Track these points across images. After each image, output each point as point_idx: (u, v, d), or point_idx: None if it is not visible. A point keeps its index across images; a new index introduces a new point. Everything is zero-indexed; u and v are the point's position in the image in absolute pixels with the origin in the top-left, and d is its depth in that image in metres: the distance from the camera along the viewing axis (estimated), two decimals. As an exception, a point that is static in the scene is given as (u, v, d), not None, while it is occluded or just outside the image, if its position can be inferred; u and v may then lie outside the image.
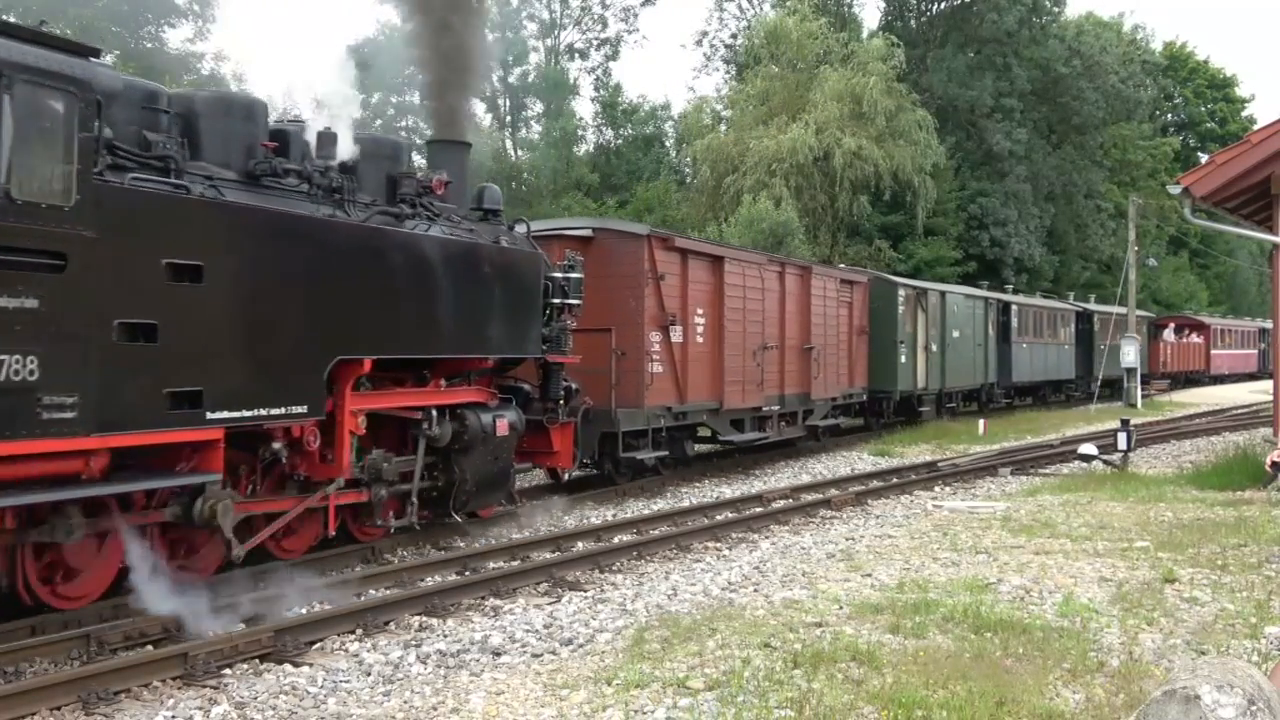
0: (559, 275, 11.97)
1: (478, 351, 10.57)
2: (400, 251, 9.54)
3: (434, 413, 10.09)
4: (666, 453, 14.84)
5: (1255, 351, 53.87)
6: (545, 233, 13.70)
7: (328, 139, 9.30)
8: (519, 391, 11.85)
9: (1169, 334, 44.13)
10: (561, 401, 12.10)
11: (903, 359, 22.64)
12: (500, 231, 11.36)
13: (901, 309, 22.70)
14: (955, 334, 25.53)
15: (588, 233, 14.31)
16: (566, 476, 13.48)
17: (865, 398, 21.92)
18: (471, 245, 10.56)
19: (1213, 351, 47.65)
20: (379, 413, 9.59)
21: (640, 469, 14.70)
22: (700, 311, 15.37)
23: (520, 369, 11.93)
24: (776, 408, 17.60)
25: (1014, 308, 29.94)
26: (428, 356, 10.02)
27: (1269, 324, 53.62)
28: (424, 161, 14.73)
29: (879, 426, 23.35)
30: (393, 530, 10.15)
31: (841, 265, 25.13)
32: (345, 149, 9.54)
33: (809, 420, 19.04)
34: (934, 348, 24.37)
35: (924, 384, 23.96)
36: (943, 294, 25.41)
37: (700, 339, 15.36)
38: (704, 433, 16.43)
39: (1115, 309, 38.18)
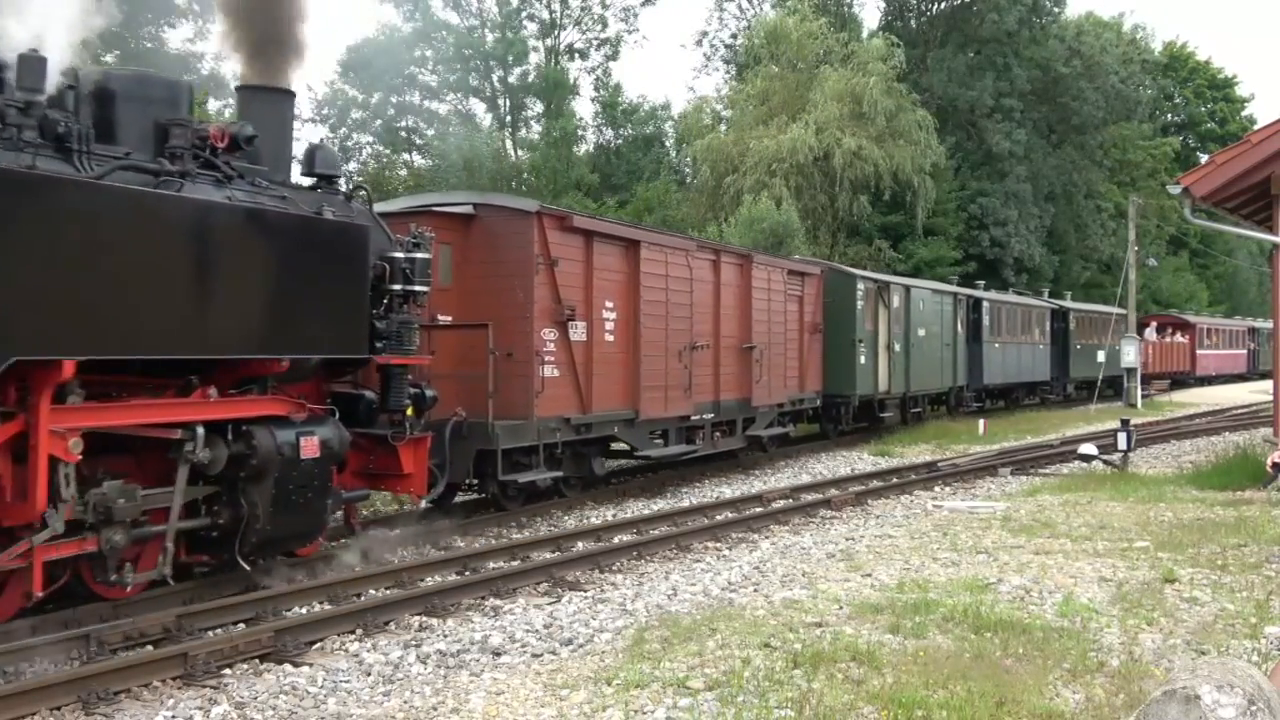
0: (400, 256, 9.82)
1: (265, 350, 8.29)
2: (133, 217, 7.34)
3: (199, 431, 7.81)
4: (561, 473, 12.70)
5: (1244, 352, 52.16)
6: (416, 209, 12.05)
7: (32, 67, 7.09)
8: (359, 401, 9.80)
9: (1150, 333, 41.56)
10: (410, 412, 9.99)
11: (862, 359, 20.52)
12: (331, 201, 9.33)
13: (860, 304, 20.67)
14: (921, 332, 23.62)
15: (468, 209, 12.24)
16: (424, 504, 10.90)
17: (819, 403, 19.88)
18: (254, 213, 8.29)
19: (1198, 352, 45.39)
20: (117, 432, 7.52)
21: (535, 492, 12.70)
22: (610, 305, 13.26)
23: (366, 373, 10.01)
24: (709, 416, 15.54)
25: (985, 305, 28.13)
26: (184, 357, 7.80)
27: (1259, 323, 53.40)
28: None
29: (835, 435, 21.33)
30: (138, 585, 7.72)
31: (795, 256, 23.10)
32: (86, 86, 7.80)
33: (750, 429, 16.93)
34: (897, 347, 22.32)
35: (886, 387, 21.89)
36: (907, 288, 23.50)
37: (610, 337, 13.27)
38: (621, 446, 14.44)
39: (1092, 306, 37.25)
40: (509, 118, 44.30)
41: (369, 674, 6.56)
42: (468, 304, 11.74)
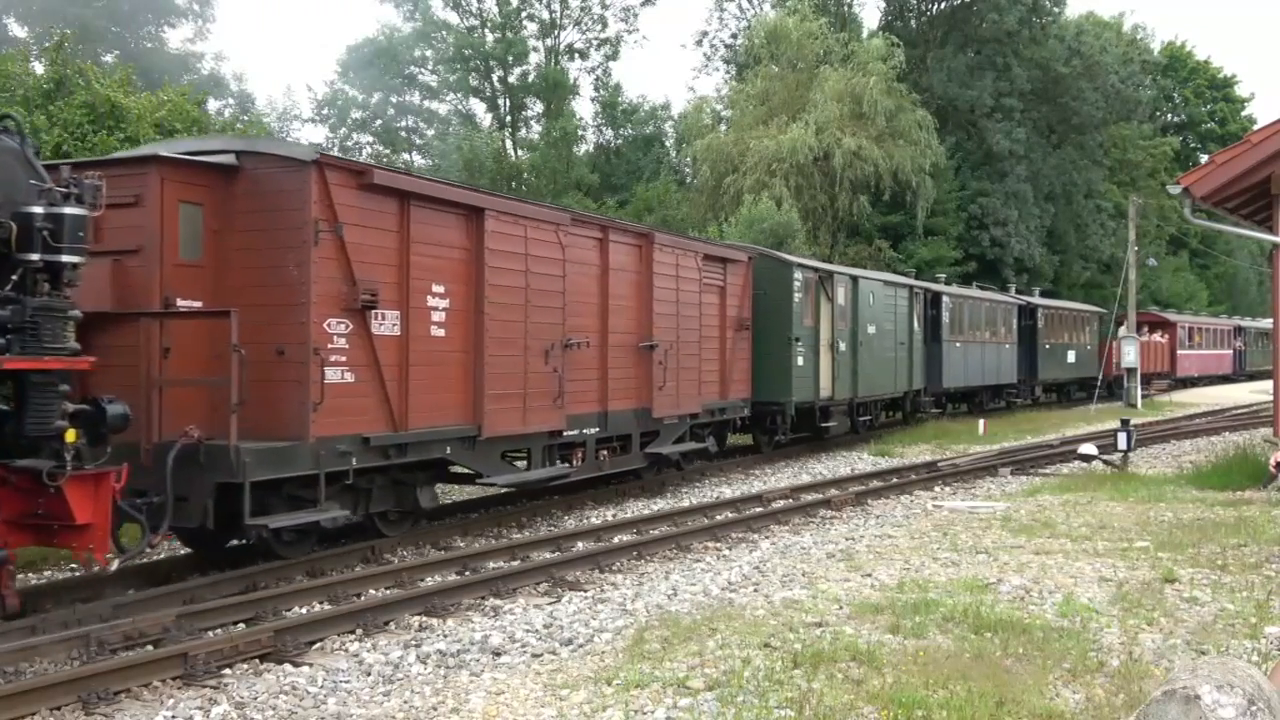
0: (38, 212, 7.18)
1: None
2: None
3: None
4: (348, 512, 9.54)
5: (1229, 352, 49.61)
6: (147, 156, 9.29)
7: None
8: (5, 422, 7.27)
9: (1125, 332, 39.78)
10: (72, 438, 7.23)
11: (799, 361, 17.84)
12: None
13: (798, 297, 17.95)
14: (871, 330, 20.85)
15: (229, 159, 9.41)
16: (115, 566, 7.87)
17: (748, 412, 17.21)
18: None
19: (1179, 352, 41.98)
20: None
21: (328, 535, 10.02)
22: (439, 289, 10.39)
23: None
24: (593, 431, 12.89)
25: (945, 299, 25.64)
26: None
27: (1245, 322, 52.71)
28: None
29: (771, 448, 18.66)
30: None
31: (726, 240, 20.47)
32: None
33: (653, 446, 14.27)
34: (843, 346, 19.61)
35: (829, 392, 19.07)
36: (854, 279, 20.76)
37: (439, 331, 10.40)
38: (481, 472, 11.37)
39: (1062, 303, 35.54)
40: (509, 118, 44.33)
41: (369, 674, 6.56)
42: (228, 285, 9.18)
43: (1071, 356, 33.76)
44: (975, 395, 28.68)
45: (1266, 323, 54.73)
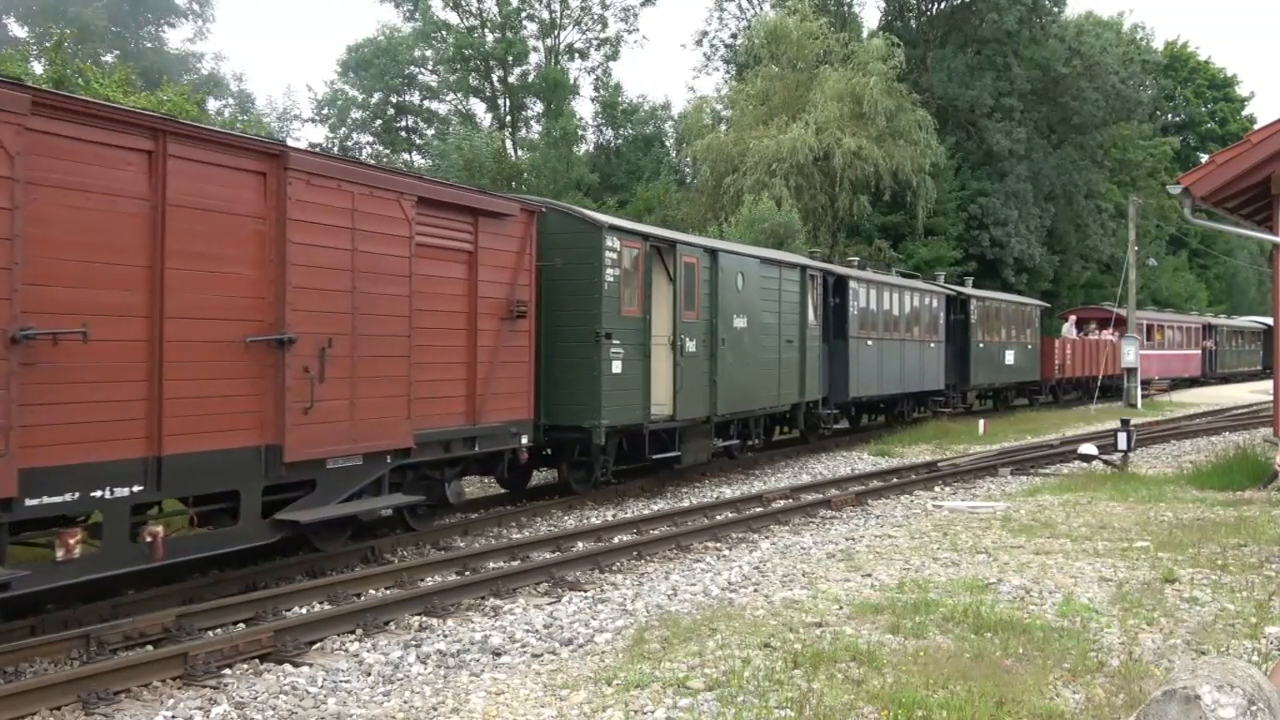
0: None
1: None
2: None
3: None
4: None
5: (1197, 352, 45.46)
6: None
7: None
8: None
9: (1069, 329, 34.87)
10: None
11: (615, 367, 12.82)
12: None
13: (612, 275, 12.80)
14: (739, 323, 15.68)
15: None
16: None
17: (528, 439, 11.87)
18: None
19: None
20: None
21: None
22: None
23: None
24: (125, 491, 7.35)
25: (851, 287, 20.32)
26: None
27: (1217, 320, 52.01)
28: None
29: (589, 487, 13.58)
30: None
31: (501, 190, 15.38)
32: None
33: (293, 508, 8.80)
34: (692, 346, 14.41)
35: (669, 410, 13.99)
36: (712, 253, 15.13)
37: None
38: None
39: (1001, 295, 31.16)
40: (509, 118, 44.34)
41: (369, 674, 6.57)
42: None
43: (1010, 357, 29.42)
44: (895, 404, 24.03)
45: (1240, 320, 54.37)
